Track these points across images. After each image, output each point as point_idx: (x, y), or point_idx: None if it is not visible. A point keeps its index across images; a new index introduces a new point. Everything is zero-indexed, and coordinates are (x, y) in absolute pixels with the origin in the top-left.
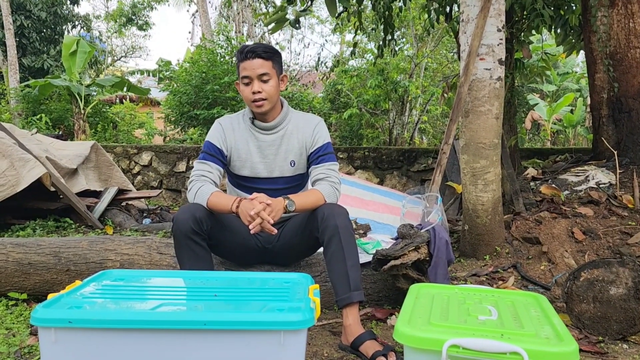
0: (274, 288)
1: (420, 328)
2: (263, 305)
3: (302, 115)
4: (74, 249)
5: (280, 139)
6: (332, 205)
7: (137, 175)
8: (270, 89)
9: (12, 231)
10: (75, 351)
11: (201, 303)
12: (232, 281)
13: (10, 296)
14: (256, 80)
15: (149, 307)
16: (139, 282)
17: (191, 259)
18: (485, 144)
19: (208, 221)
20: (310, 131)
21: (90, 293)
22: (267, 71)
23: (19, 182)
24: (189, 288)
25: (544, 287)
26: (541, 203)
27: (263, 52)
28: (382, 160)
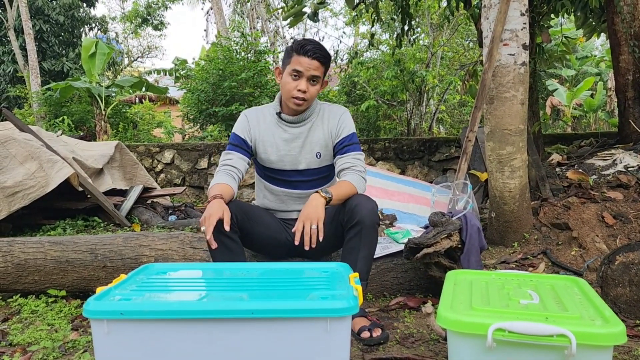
0: (315, 277)
1: (463, 312)
2: (307, 294)
3: (328, 107)
4: (109, 246)
5: (307, 131)
6: (361, 198)
7: (160, 174)
8: (314, 92)
9: (42, 231)
10: (128, 342)
11: (246, 293)
12: (272, 272)
13: (50, 293)
14: (306, 79)
15: (195, 297)
16: (181, 274)
17: (224, 253)
18: (510, 130)
19: (239, 215)
20: (336, 122)
21: (136, 286)
22: (319, 75)
23: (48, 183)
24: (231, 279)
25: (576, 272)
26: (568, 188)
27: (322, 57)
28: (403, 150)
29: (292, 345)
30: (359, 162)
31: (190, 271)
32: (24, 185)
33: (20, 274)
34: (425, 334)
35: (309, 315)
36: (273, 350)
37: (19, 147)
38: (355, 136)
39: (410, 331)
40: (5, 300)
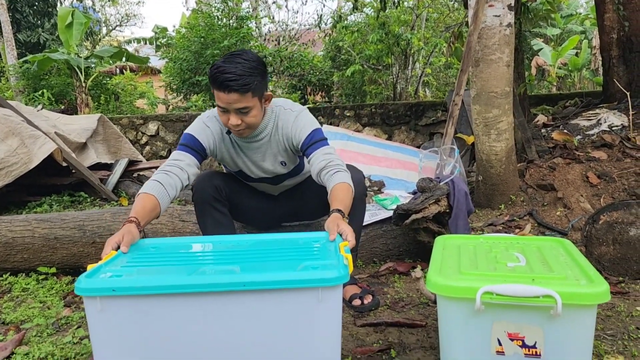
0: (305, 247)
1: (452, 277)
2: (298, 264)
3: (282, 113)
4: (97, 222)
5: (266, 144)
6: (350, 169)
7: (145, 146)
8: (251, 120)
9: (28, 208)
10: (121, 318)
11: (237, 265)
12: (263, 243)
13: (40, 271)
14: (233, 113)
15: (187, 272)
16: (172, 249)
17: (214, 225)
18: (496, 92)
19: (227, 188)
20: (289, 129)
21: (127, 262)
22: (246, 105)
23: (31, 159)
24: (221, 252)
25: (561, 232)
26: (554, 150)
27: (241, 87)
28: (390, 116)
29: (284, 316)
30: (332, 156)
31: (181, 245)
32: (6, 163)
33: (9, 253)
34: (415, 297)
35: (300, 286)
36: (266, 321)
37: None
38: (317, 132)
39: (400, 296)
40: None
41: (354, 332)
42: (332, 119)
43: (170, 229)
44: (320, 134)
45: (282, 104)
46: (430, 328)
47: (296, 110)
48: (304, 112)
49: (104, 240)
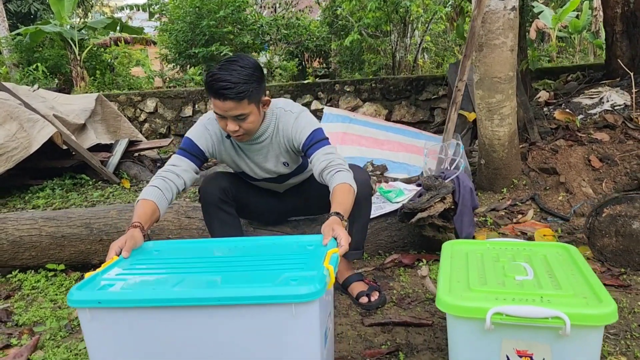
0: (295, 254)
1: (462, 296)
2: (279, 275)
3: (282, 114)
4: (104, 219)
5: (267, 146)
6: (354, 171)
7: (144, 123)
8: (248, 126)
9: (31, 192)
10: (109, 328)
11: (222, 275)
12: (257, 248)
13: (49, 267)
14: (230, 119)
15: (175, 281)
16: (171, 253)
17: (221, 226)
18: (500, 78)
19: (233, 188)
20: (289, 131)
21: (124, 269)
22: (242, 112)
23: (31, 143)
24: (214, 258)
25: (563, 218)
26: (556, 131)
27: (236, 95)
28: (390, 90)
29: (259, 331)
30: (333, 156)
31: (181, 249)
32: (6, 148)
33: (17, 251)
34: (421, 293)
35: (273, 302)
36: (243, 335)
37: None
38: (317, 133)
39: (406, 291)
40: (5, 276)
41: (362, 332)
42: (331, 94)
43: (176, 225)
44: (321, 134)
45: (283, 105)
46: (436, 327)
47: (296, 112)
48: (303, 112)
49: (110, 238)
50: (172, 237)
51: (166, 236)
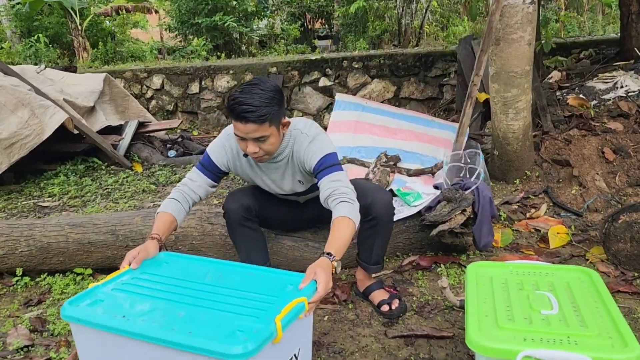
0: (269, 294)
1: (491, 335)
2: (232, 321)
3: (298, 136)
4: (129, 226)
5: (284, 166)
6: (376, 192)
7: (150, 100)
8: (269, 147)
9: (45, 178)
10: (89, 341)
11: (188, 309)
12: (240, 279)
13: (76, 272)
14: (251, 141)
15: (150, 308)
16: (171, 271)
17: (245, 241)
18: (516, 72)
19: (256, 204)
20: (302, 154)
21: (122, 284)
22: (263, 134)
23: (44, 130)
24: (198, 284)
25: (576, 213)
26: (570, 119)
27: (258, 119)
28: (398, 67)
29: None
30: (339, 183)
31: (177, 268)
32: (20, 135)
33: (45, 256)
34: (440, 301)
35: (207, 355)
36: None
37: (8, 94)
38: (328, 158)
39: (425, 298)
40: (34, 279)
41: (386, 345)
42: (339, 71)
43: (200, 231)
44: (332, 159)
45: (301, 127)
46: (457, 340)
47: (311, 135)
48: (318, 137)
49: (136, 244)
50: (196, 243)
51: (190, 242)
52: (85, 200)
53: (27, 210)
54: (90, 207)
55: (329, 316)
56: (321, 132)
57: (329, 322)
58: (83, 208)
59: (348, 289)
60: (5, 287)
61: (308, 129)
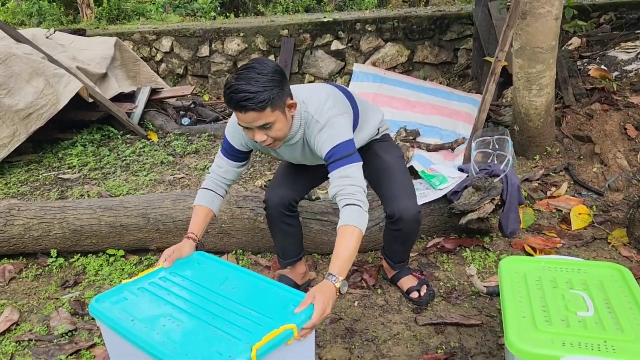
0: (263, 317)
1: (530, 339)
2: (219, 341)
3: (310, 122)
4: (159, 209)
5: (301, 146)
6: (406, 201)
7: (160, 63)
8: (277, 133)
9: (62, 148)
10: (111, 338)
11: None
12: (246, 295)
13: (109, 253)
14: (257, 130)
15: (158, 313)
16: (196, 274)
17: (281, 236)
18: (542, 48)
19: (297, 197)
20: (313, 141)
21: (149, 283)
22: (267, 121)
23: (59, 99)
24: (207, 293)
25: (597, 192)
26: (591, 92)
27: (257, 105)
28: (413, 30)
29: None
30: (348, 180)
31: (199, 272)
32: (36, 106)
33: (79, 239)
34: (466, 286)
35: None
36: None
37: (22, 63)
38: (338, 149)
39: (452, 283)
40: (68, 260)
41: (417, 332)
42: (352, 33)
43: (228, 215)
44: (343, 149)
45: (312, 110)
46: (486, 328)
47: (322, 121)
48: (329, 123)
49: (167, 227)
50: (225, 226)
51: (219, 225)
52: (105, 173)
53: (49, 183)
54: (112, 180)
55: (358, 301)
56: (333, 117)
57: (359, 308)
58: (104, 181)
59: (376, 273)
60: (40, 267)
61: (319, 114)
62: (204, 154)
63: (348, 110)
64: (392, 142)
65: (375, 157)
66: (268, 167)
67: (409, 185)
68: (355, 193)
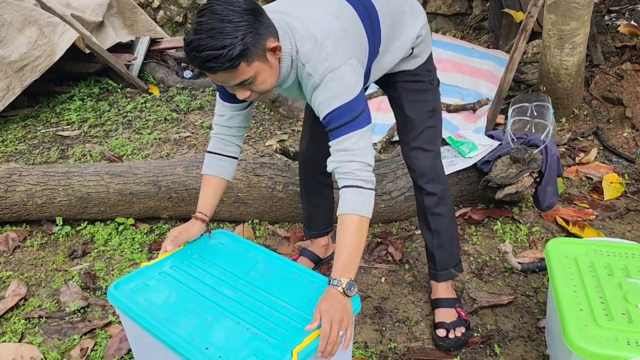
0: (299, 313)
1: (591, 335)
2: (253, 341)
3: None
4: (171, 177)
5: (297, 89)
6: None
7: (158, 10)
8: (261, 87)
9: (59, 101)
10: (126, 323)
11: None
12: (279, 284)
13: (118, 221)
14: (236, 87)
15: (183, 304)
16: (223, 258)
17: (311, 208)
18: (578, 3)
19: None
20: (309, 97)
21: (171, 268)
22: (245, 78)
23: (54, 50)
24: (236, 282)
25: (628, 159)
26: (622, 51)
27: (226, 64)
28: None
29: None
30: (346, 156)
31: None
32: (30, 57)
33: (86, 206)
34: (498, 262)
35: None
36: None
37: (13, 11)
38: (337, 114)
39: (483, 259)
40: (74, 228)
41: None
42: None
43: (245, 184)
44: (343, 114)
45: (303, 55)
46: (522, 309)
47: (316, 78)
48: (325, 80)
49: (179, 196)
50: (241, 195)
51: (235, 194)
52: (107, 130)
53: (48, 141)
54: (114, 138)
55: (385, 277)
56: (330, 70)
57: (386, 285)
58: (106, 139)
59: (401, 246)
60: (46, 235)
61: (312, 65)
62: (209, 110)
63: (356, 49)
64: (425, 78)
65: (397, 107)
66: (278, 125)
67: (432, 163)
68: (355, 171)
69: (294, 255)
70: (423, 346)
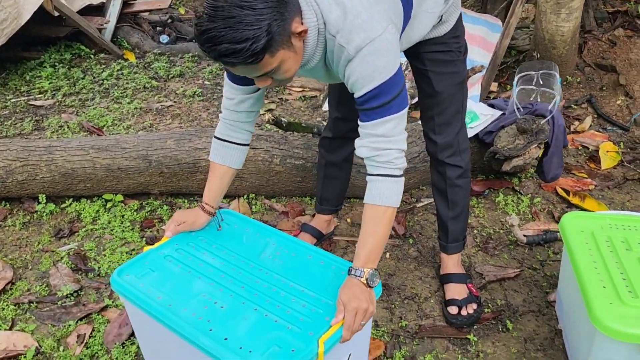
0: (318, 297)
1: (618, 314)
2: (274, 329)
3: (333, 46)
4: (162, 151)
5: (323, 67)
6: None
7: None
8: (284, 75)
9: (29, 68)
10: (130, 310)
11: (232, 300)
12: (294, 268)
13: (106, 198)
14: (257, 78)
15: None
16: (231, 240)
17: (325, 182)
18: None
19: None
20: (341, 73)
21: (177, 251)
22: (268, 69)
23: (21, 13)
24: (247, 266)
25: (622, 127)
26: (614, 17)
27: (249, 59)
28: None
29: None
30: (381, 142)
31: (235, 238)
32: None
33: (70, 182)
34: (502, 234)
35: None
36: None
37: None
38: (377, 93)
39: (487, 231)
40: (59, 205)
41: None
42: None
43: None
44: (382, 94)
45: (335, 31)
46: (530, 282)
47: (350, 50)
48: (361, 53)
49: (171, 170)
50: None
51: None
52: (83, 99)
53: (20, 112)
54: (92, 108)
55: (390, 253)
56: (368, 41)
57: (392, 260)
58: (82, 109)
59: (404, 220)
60: (28, 213)
61: (347, 38)
62: (190, 77)
63: (392, 13)
64: (453, 47)
65: (423, 79)
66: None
67: (456, 136)
68: (394, 160)
69: (295, 230)
70: (434, 324)
